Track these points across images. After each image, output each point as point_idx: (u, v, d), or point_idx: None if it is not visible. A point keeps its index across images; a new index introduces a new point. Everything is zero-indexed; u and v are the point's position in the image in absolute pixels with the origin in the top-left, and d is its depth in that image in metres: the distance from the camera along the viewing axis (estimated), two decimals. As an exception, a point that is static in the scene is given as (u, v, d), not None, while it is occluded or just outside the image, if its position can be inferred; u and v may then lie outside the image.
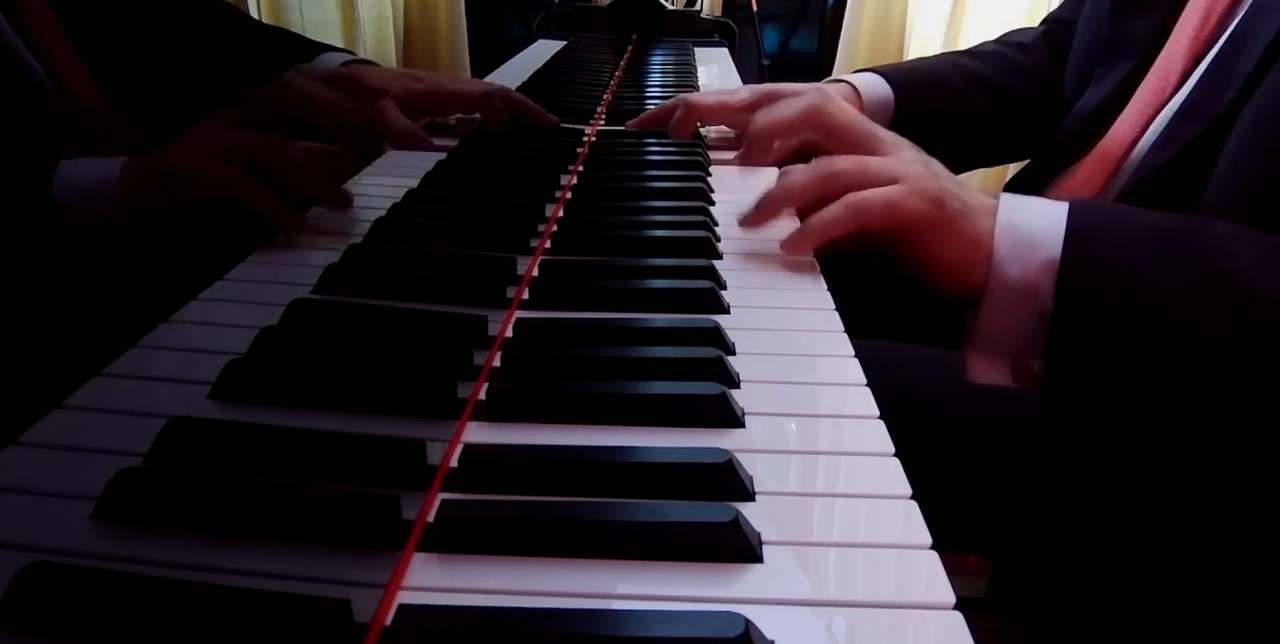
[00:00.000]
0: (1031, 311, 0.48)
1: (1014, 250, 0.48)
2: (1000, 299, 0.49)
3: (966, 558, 1.17)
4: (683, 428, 0.37)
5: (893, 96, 0.85)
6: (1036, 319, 0.47)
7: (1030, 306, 0.48)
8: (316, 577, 0.28)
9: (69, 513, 0.30)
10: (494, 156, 0.74)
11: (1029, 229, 0.48)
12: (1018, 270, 0.48)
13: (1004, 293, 0.48)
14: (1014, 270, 0.48)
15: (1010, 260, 0.48)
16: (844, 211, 0.50)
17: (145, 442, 0.33)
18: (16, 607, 0.26)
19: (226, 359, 0.38)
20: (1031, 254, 0.48)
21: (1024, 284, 0.48)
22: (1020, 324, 0.48)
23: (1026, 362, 0.49)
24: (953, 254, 0.50)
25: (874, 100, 0.85)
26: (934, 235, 0.50)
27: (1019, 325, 0.48)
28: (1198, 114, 0.60)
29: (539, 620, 0.26)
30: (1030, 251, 0.48)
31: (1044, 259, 0.47)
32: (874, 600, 0.28)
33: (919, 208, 0.50)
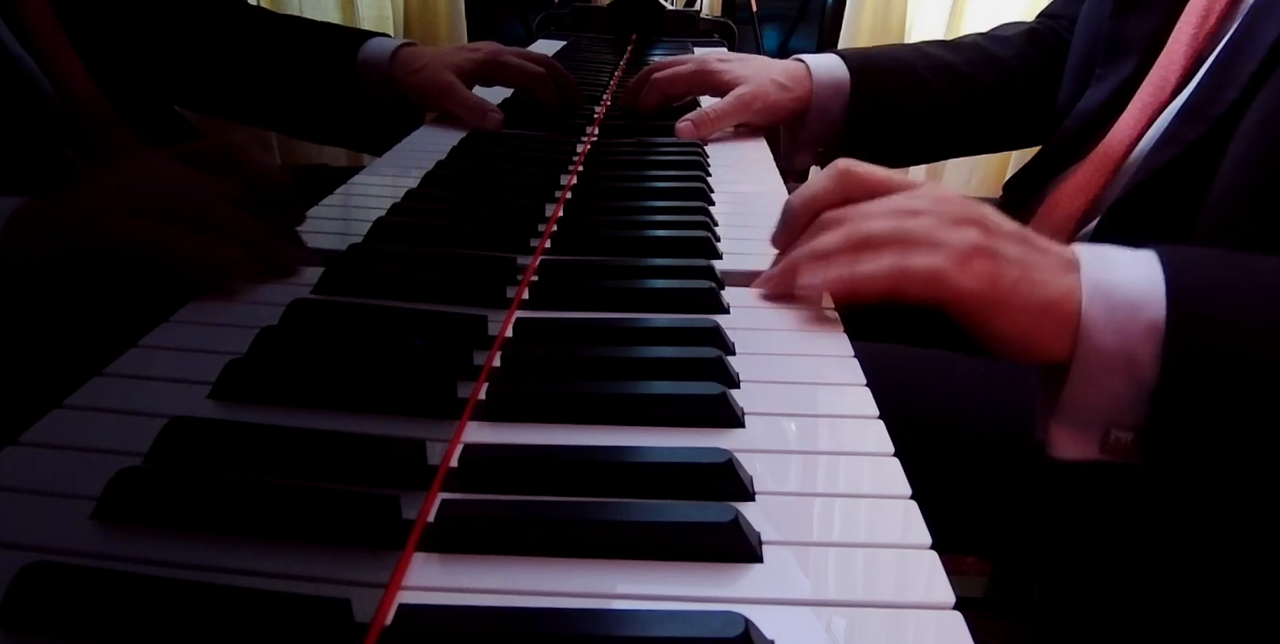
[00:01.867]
0: (1127, 381, 0.42)
1: (1108, 315, 0.42)
2: (1093, 370, 0.42)
3: (966, 558, 1.17)
4: (683, 428, 0.37)
5: (848, 78, 0.85)
6: (1134, 389, 0.42)
7: (1126, 375, 0.42)
8: (317, 576, 0.28)
9: (69, 512, 0.30)
10: (494, 156, 0.74)
11: (1123, 288, 0.42)
12: (1114, 338, 0.42)
13: (1097, 362, 0.42)
14: (1109, 339, 0.42)
15: (1104, 327, 0.42)
16: (885, 271, 0.44)
17: (145, 441, 0.33)
18: (17, 606, 0.26)
19: (226, 359, 0.38)
20: (1130, 318, 0.42)
21: (1122, 352, 0.42)
22: (1115, 395, 0.43)
23: (1116, 433, 0.44)
24: (1018, 329, 0.43)
25: (826, 80, 0.85)
26: (991, 313, 0.44)
27: (1113, 396, 0.43)
28: (1200, 114, 0.60)
29: (539, 620, 0.26)
30: (1129, 315, 0.42)
31: (1145, 323, 0.41)
32: (874, 600, 0.28)
33: (967, 286, 0.43)
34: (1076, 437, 0.44)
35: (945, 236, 0.44)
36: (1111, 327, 0.42)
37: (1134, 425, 0.43)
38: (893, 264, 0.44)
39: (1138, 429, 0.43)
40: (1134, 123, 0.68)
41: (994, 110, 0.89)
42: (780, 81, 0.85)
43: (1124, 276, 0.43)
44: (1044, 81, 0.86)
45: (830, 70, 0.85)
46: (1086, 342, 0.42)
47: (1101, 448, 0.44)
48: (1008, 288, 0.43)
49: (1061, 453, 0.45)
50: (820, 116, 0.86)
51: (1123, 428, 0.43)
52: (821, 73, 0.85)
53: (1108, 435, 0.44)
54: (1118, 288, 0.42)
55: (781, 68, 0.86)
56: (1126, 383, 0.42)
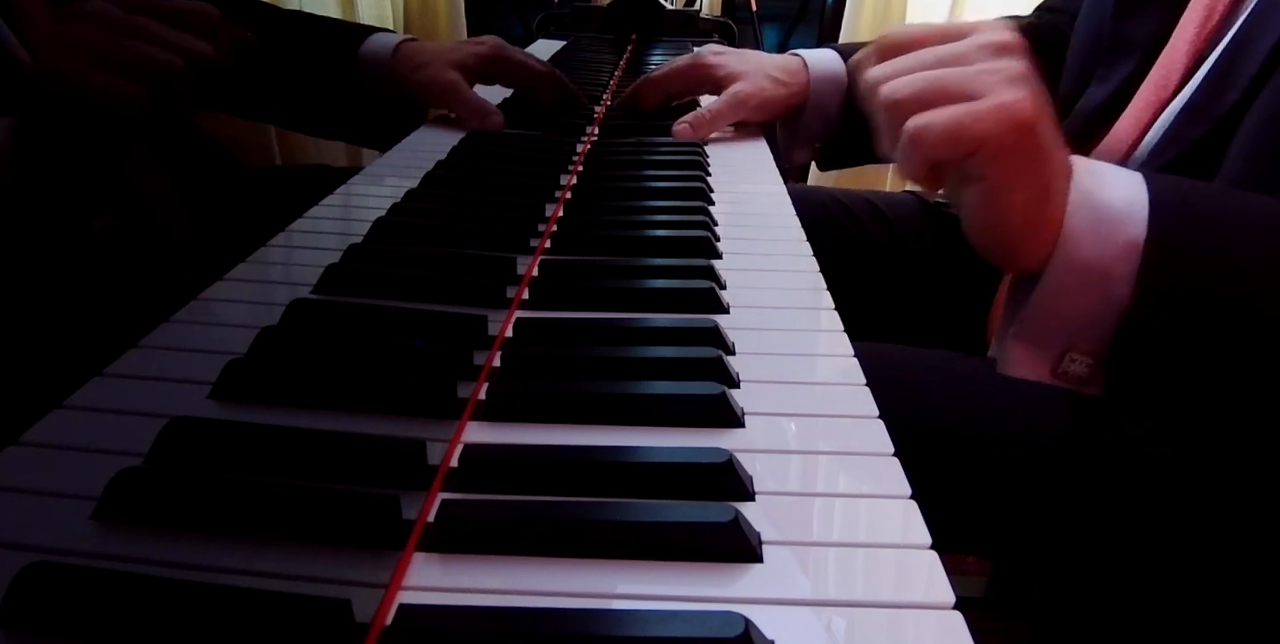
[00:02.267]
0: (1098, 298, 0.41)
1: (1092, 226, 0.41)
2: (1065, 282, 0.41)
3: (966, 558, 1.17)
4: (683, 428, 0.37)
5: (844, 73, 0.84)
6: (1103, 307, 0.41)
7: (1098, 292, 0.41)
8: (317, 576, 0.28)
9: (70, 513, 0.30)
10: (494, 156, 0.74)
11: (1110, 202, 0.41)
12: (1093, 251, 0.41)
13: (1072, 274, 0.41)
14: (1088, 251, 0.41)
15: (1085, 238, 0.41)
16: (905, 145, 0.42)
17: (146, 441, 0.33)
18: (17, 606, 0.26)
19: (227, 359, 0.38)
20: (1112, 232, 0.41)
21: (1097, 266, 0.41)
22: (1082, 311, 0.42)
23: (1072, 355, 0.43)
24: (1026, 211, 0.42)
25: (823, 75, 0.85)
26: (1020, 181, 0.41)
27: (1080, 313, 0.42)
28: (1202, 114, 0.60)
29: (539, 620, 0.26)
30: (1111, 229, 0.41)
31: (1126, 239, 0.40)
32: (874, 600, 0.28)
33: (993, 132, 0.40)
34: (1032, 354, 0.43)
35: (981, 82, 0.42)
36: (1092, 239, 0.41)
37: (1093, 352, 0.42)
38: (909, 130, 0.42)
39: (1096, 357, 0.42)
40: (1136, 122, 0.68)
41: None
42: (776, 77, 0.85)
43: (1112, 193, 0.42)
44: (1042, 77, 0.86)
45: (827, 65, 0.85)
46: (1065, 250, 0.41)
47: (1054, 371, 0.43)
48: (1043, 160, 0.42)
49: (1013, 370, 0.44)
50: (818, 111, 0.86)
51: (1080, 352, 0.42)
52: (818, 67, 0.85)
53: (1063, 358, 0.43)
54: (1105, 202, 0.42)
55: (777, 63, 0.86)
56: (1096, 299, 0.41)
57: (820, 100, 0.85)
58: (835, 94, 0.85)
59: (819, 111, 0.86)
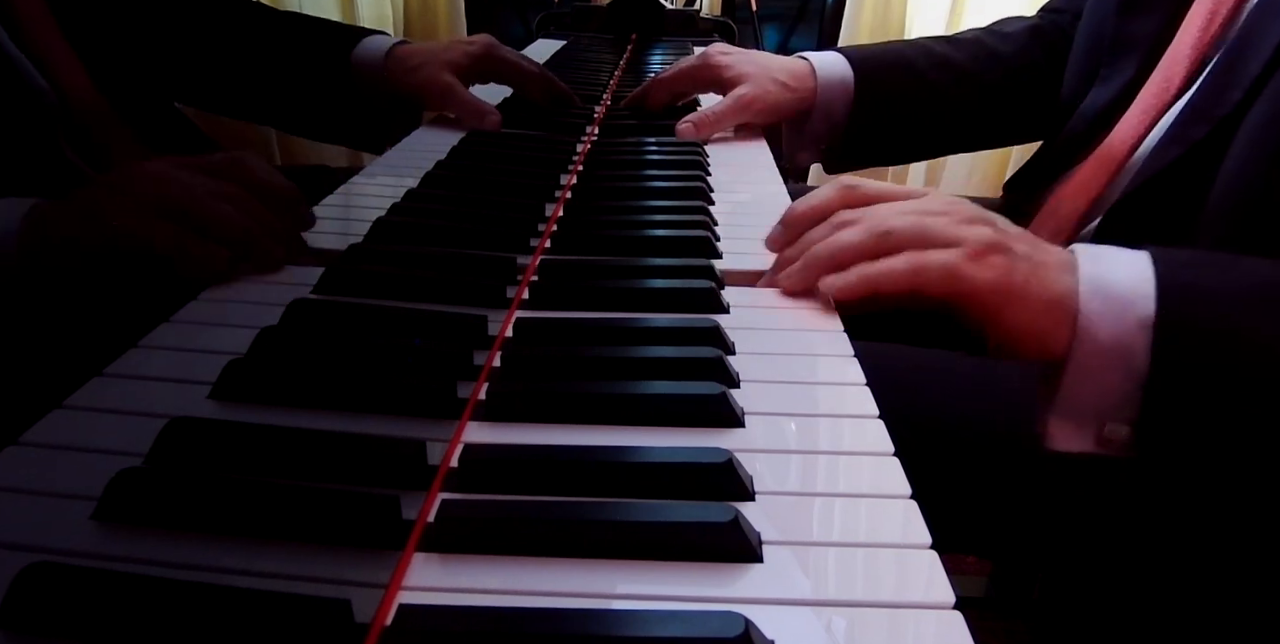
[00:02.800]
0: (1123, 374, 0.44)
1: (1104, 309, 0.44)
2: (1089, 363, 0.44)
3: (966, 558, 1.17)
4: (683, 428, 0.37)
5: (852, 76, 0.85)
6: (1128, 382, 0.44)
7: (1122, 369, 0.44)
8: (317, 577, 0.28)
9: (70, 513, 0.30)
10: (494, 156, 0.74)
11: (1117, 285, 0.44)
12: (1109, 332, 0.43)
13: (1094, 356, 0.44)
14: (1105, 332, 0.44)
15: (1100, 321, 0.44)
16: (903, 268, 0.45)
17: (145, 442, 0.33)
18: (17, 607, 0.26)
19: (227, 359, 0.38)
20: (1123, 312, 0.43)
21: (1118, 345, 0.43)
22: (1110, 388, 0.44)
23: (1112, 426, 0.45)
24: (1027, 323, 0.45)
25: (830, 78, 0.85)
26: (1003, 306, 0.45)
27: (1108, 389, 0.44)
28: (1204, 115, 0.60)
29: (539, 620, 0.26)
30: (1122, 310, 0.43)
31: (1138, 317, 0.43)
32: (874, 600, 0.28)
33: (983, 278, 0.44)
34: (1073, 429, 0.46)
35: (961, 233, 0.46)
36: (1107, 321, 0.44)
37: (1129, 419, 0.44)
38: (910, 260, 0.45)
39: (1132, 423, 0.44)
40: (1137, 123, 0.68)
41: (996, 107, 0.89)
42: (782, 80, 0.84)
43: (1119, 274, 0.44)
44: (1046, 78, 0.86)
45: (834, 68, 0.85)
46: (1084, 334, 0.44)
47: (1097, 441, 0.46)
48: (1020, 282, 0.45)
49: (1058, 446, 0.46)
50: (824, 115, 0.86)
51: (1118, 421, 0.45)
52: (826, 71, 0.85)
53: (1103, 428, 0.45)
54: (1113, 284, 0.44)
55: (784, 65, 0.86)
56: (1122, 375, 0.44)
57: (827, 105, 0.85)
58: (842, 98, 0.85)
59: (825, 115, 0.86)
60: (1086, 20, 0.81)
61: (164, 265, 0.46)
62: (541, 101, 0.89)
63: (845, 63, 0.85)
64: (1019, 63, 0.88)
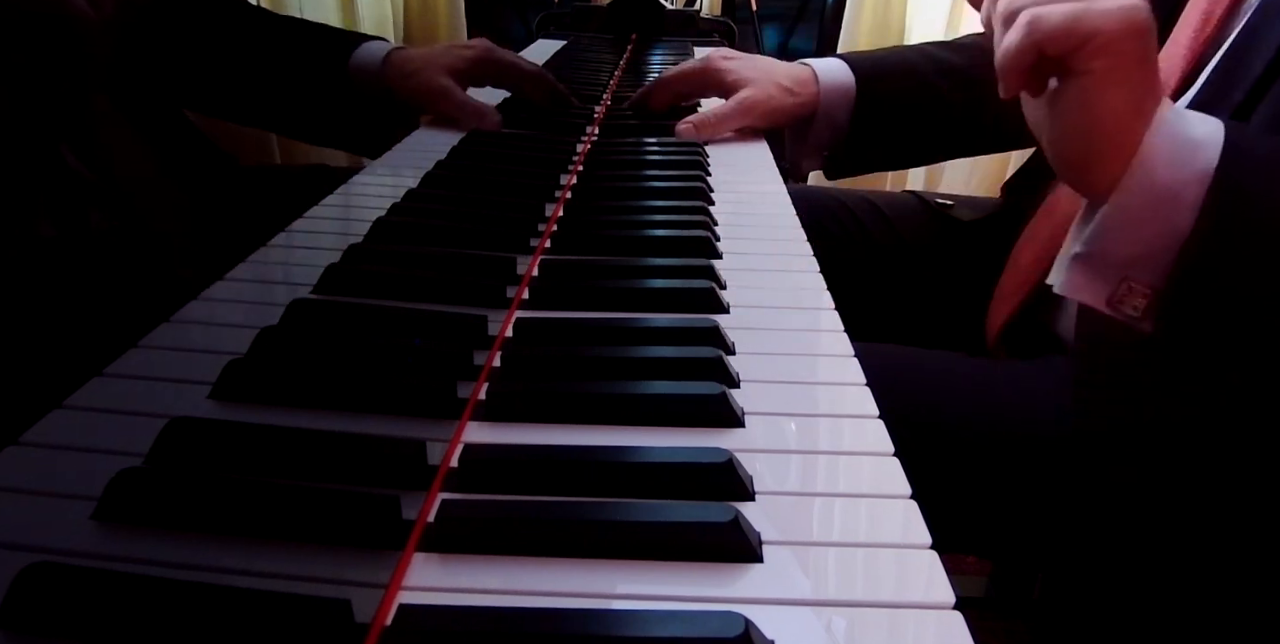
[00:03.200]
0: (1164, 226, 0.42)
1: (1170, 148, 0.42)
2: (1134, 202, 0.42)
3: (966, 558, 1.17)
4: (683, 428, 0.37)
5: (854, 82, 0.85)
6: (1166, 235, 0.42)
7: (1166, 219, 0.42)
8: (317, 577, 0.28)
9: (70, 513, 0.30)
10: (494, 156, 0.74)
11: (1189, 130, 0.42)
12: (1166, 174, 0.41)
13: (1142, 195, 0.42)
14: (1162, 172, 0.42)
15: (1161, 159, 0.42)
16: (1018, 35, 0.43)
17: (146, 442, 0.33)
18: (17, 607, 0.26)
19: (227, 359, 0.38)
20: (1187, 158, 0.41)
21: (1170, 189, 0.41)
22: (1146, 238, 0.42)
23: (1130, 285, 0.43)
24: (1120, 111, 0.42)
25: (832, 85, 0.85)
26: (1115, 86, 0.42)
27: (1144, 239, 0.42)
28: None
29: (539, 620, 0.26)
30: (1187, 155, 0.41)
31: (1199, 166, 0.41)
32: (874, 600, 0.28)
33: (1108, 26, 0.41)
34: (1091, 279, 0.45)
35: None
36: (1168, 161, 0.42)
37: (1150, 283, 0.43)
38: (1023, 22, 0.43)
39: (1153, 289, 0.43)
40: None
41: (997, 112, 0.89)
42: (785, 85, 0.85)
43: (1191, 124, 0.43)
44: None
45: (836, 76, 0.86)
46: (1141, 169, 0.42)
47: (1110, 299, 0.44)
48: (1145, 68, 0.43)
49: (1071, 292, 0.45)
50: (827, 121, 0.86)
51: (1138, 281, 0.43)
52: (828, 78, 0.85)
53: (1119, 285, 0.44)
54: (1185, 129, 0.43)
55: (787, 71, 0.86)
56: (1162, 226, 0.42)
57: (830, 111, 0.86)
58: (844, 104, 0.85)
59: (828, 121, 0.86)
60: None
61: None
62: (540, 102, 0.89)
63: (847, 69, 0.85)
64: None
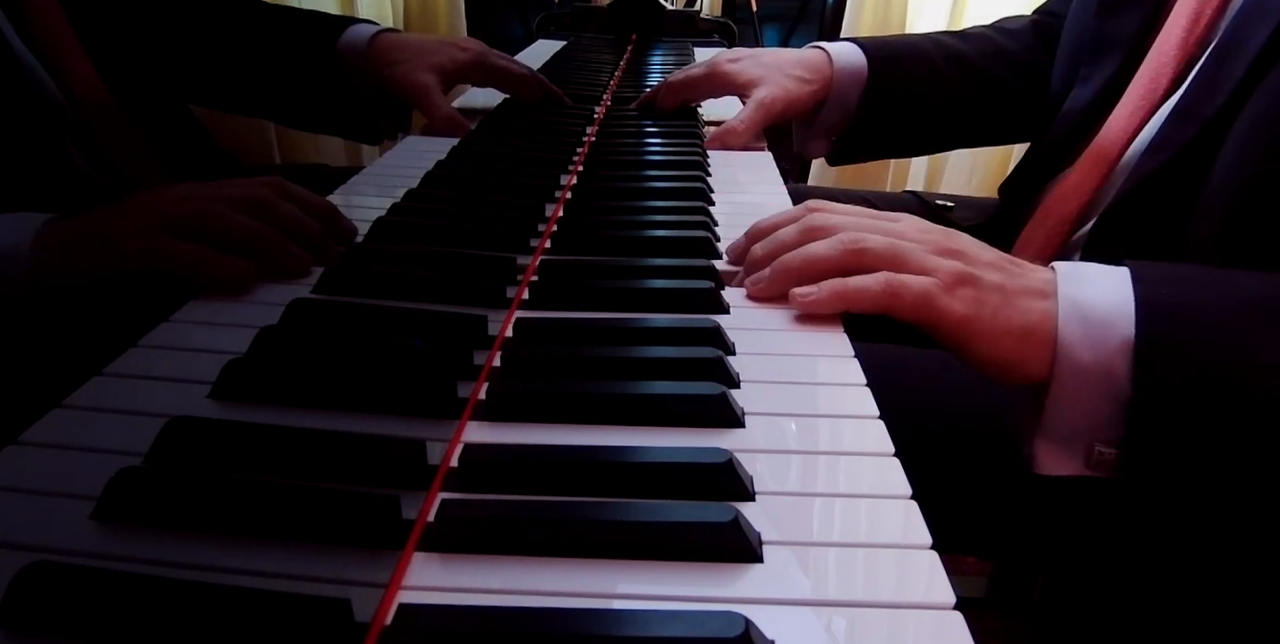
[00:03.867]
0: (1106, 397, 0.43)
1: (1084, 333, 0.43)
2: (1071, 387, 0.44)
3: (966, 558, 1.17)
4: (683, 428, 0.37)
5: (866, 66, 0.84)
6: (1112, 404, 0.43)
7: (1105, 392, 0.43)
8: (317, 576, 0.28)
9: (69, 512, 0.30)
10: (494, 156, 0.74)
11: (1096, 307, 0.44)
12: (1090, 355, 0.43)
13: (1076, 379, 0.43)
14: (1086, 355, 0.43)
15: (1081, 345, 0.43)
16: (878, 289, 0.45)
17: (145, 441, 0.33)
18: (17, 606, 0.26)
19: (226, 359, 0.38)
20: (1104, 335, 0.43)
21: (1098, 368, 0.43)
22: (1095, 410, 0.44)
23: (1100, 448, 0.44)
24: (999, 354, 0.45)
25: (845, 68, 0.84)
26: (972, 339, 0.45)
27: (1093, 412, 0.44)
28: (1191, 117, 0.60)
29: (539, 620, 0.26)
30: (1102, 332, 0.43)
31: (1119, 340, 0.42)
32: (874, 600, 0.28)
33: (954, 310, 0.44)
34: (1061, 453, 0.46)
35: (934, 263, 0.46)
36: (1087, 344, 0.43)
37: (1115, 440, 0.44)
38: (888, 282, 0.45)
39: (1118, 444, 0.44)
40: (1125, 125, 0.67)
41: (1003, 102, 0.89)
42: (797, 75, 0.84)
43: (1098, 295, 0.44)
44: (1049, 75, 0.86)
45: (849, 58, 0.85)
46: (1064, 359, 0.43)
47: (1086, 463, 0.45)
48: (990, 314, 0.45)
49: (1047, 470, 0.46)
50: (838, 104, 0.86)
51: (1106, 443, 0.44)
52: (842, 61, 0.85)
53: (1092, 451, 0.45)
54: (1093, 306, 0.44)
55: (796, 59, 0.85)
56: (1104, 399, 0.43)
57: (842, 93, 0.85)
58: (856, 87, 0.85)
59: (839, 104, 0.86)
60: (1070, 21, 0.81)
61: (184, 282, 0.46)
62: (534, 101, 0.89)
63: (859, 52, 0.85)
64: (1024, 59, 0.88)
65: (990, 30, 0.92)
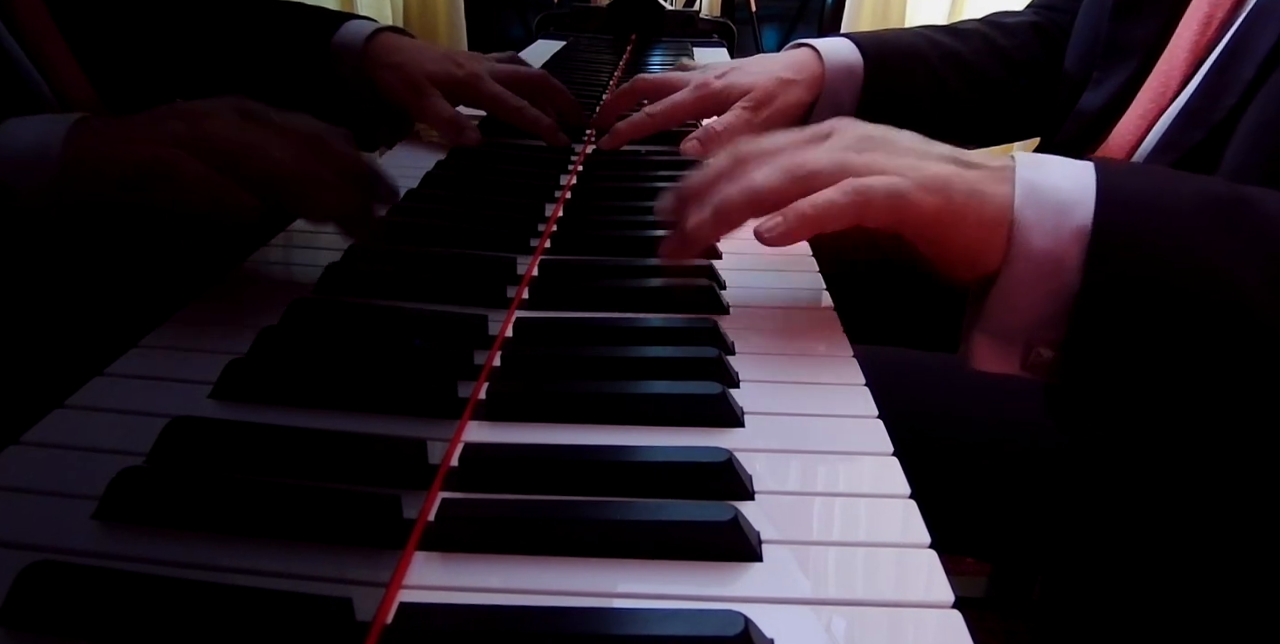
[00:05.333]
0: (1053, 288, 0.42)
1: (1039, 217, 0.42)
2: (1021, 274, 0.42)
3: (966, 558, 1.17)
4: (682, 427, 0.37)
5: (860, 64, 0.78)
6: (1058, 297, 0.42)
7: (1053, 282, 0.42)
8: (318, 575, 0.28)
9: (71, 512, 0.30)
10: (494, 156, 0.74)
11: (1055, 192, 0.42)
12: (1044, 240, 0.41)
13: (1026, 266, 0.42)
14: (1040, 240, 0.41)
15: (1035, 229, 0.41)
16: (845, 200, 0.42)
17: (147, 441, 0.33)
18: (19, 606, 0.26)
19: (227, 359, 0.38)
20: (1060, 221, 0.41)
21: (1050, 255, 0.41)
22: (1040, 302, 0.42)
23: (1039, 349, 0.43)
24: (968, 243, 0.43)
25: (839, 65, 0.78)
26: (945, 229, 0.43)
27: (1038, 304, 0.42)
28: (1198, 120, 0.60)
29: (539, 619, 0.26)
30: (1058, 218, 0.41)
31: (1074, 226, 0.41)
32: (873, 599, 0.29)
33: (926, 201, 0.42)
34: (999, 349, 0.44)
35: (890, 162, 0.44)
36: (1042, 228, 0.42)
37: (1055, 340, 0.42)
38: (854, 188, 0.43)
39: (1058, 345, 0.42)
40: (1135, 127, 0.68)
41: (999, 103, 0.86)
42: (787, 77, 0.78)
43: (1058, 181, 0.43)
44: (1047, 75, 0.85)
45: (842, 55, 0.79)
46: (1018, 243, 0.42)
47: (1023, 363, 0.44)
48: (961, 203, 0.43)
49: (982, 365, 0.44)
50: (830, 106, 0.80)
51: (1045, 344, 0.43)
52: (833, 57, 0.78)
53: (1030, 351, 0.43)
54: (1052, 191, 0.42)
55: (785, 62, 0.80)
56: (1051, 291, 0.42)
57: (834, 95, 0.79)
58: (849, 88, 0.79)
59: (832, 106, 0.80)
60: (1081, 22, 0.80)
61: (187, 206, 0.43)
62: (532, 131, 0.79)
63: (852, 49, 0.79)
64: (1021, 59, 0.86)
65: (986, 27, 0.88)
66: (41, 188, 0.43)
